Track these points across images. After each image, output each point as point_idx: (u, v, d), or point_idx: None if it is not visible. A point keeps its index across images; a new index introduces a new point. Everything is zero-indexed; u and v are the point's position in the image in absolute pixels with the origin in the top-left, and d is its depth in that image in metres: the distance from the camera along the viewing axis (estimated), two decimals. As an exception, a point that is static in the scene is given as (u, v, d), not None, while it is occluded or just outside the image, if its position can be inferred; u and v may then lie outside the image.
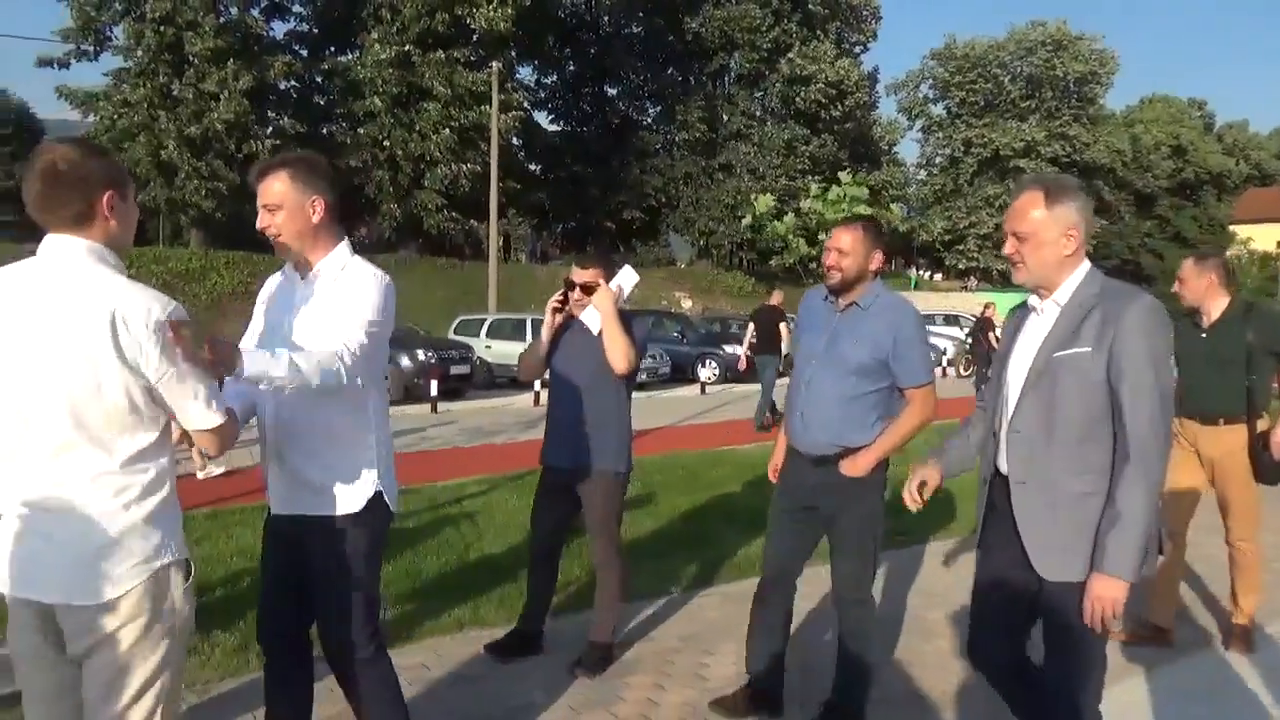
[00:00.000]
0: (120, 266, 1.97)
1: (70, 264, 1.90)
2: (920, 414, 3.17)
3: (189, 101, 26.47)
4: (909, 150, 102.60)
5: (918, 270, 53.57)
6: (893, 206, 39.93)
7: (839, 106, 38.91)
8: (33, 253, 1.96)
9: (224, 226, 28.41)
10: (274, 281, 2.76)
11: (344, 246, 2.62)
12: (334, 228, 2.60)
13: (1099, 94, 49.70)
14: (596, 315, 3.69)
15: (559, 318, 3.84)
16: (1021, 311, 2.56)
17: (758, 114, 40.53)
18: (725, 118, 39.96)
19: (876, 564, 3.30)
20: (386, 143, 30.07)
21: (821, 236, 10.73)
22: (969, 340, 18.37)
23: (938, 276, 54.12)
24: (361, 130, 30.28)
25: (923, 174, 53.45)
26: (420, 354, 14.88)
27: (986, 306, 16.65)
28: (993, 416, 2.56)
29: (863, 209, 35.10)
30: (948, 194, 49.88)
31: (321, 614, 2.64)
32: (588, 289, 3.72)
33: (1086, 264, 2.39)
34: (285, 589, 2.68)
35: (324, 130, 31.09)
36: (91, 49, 27.57)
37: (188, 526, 2.07)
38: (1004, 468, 2.49)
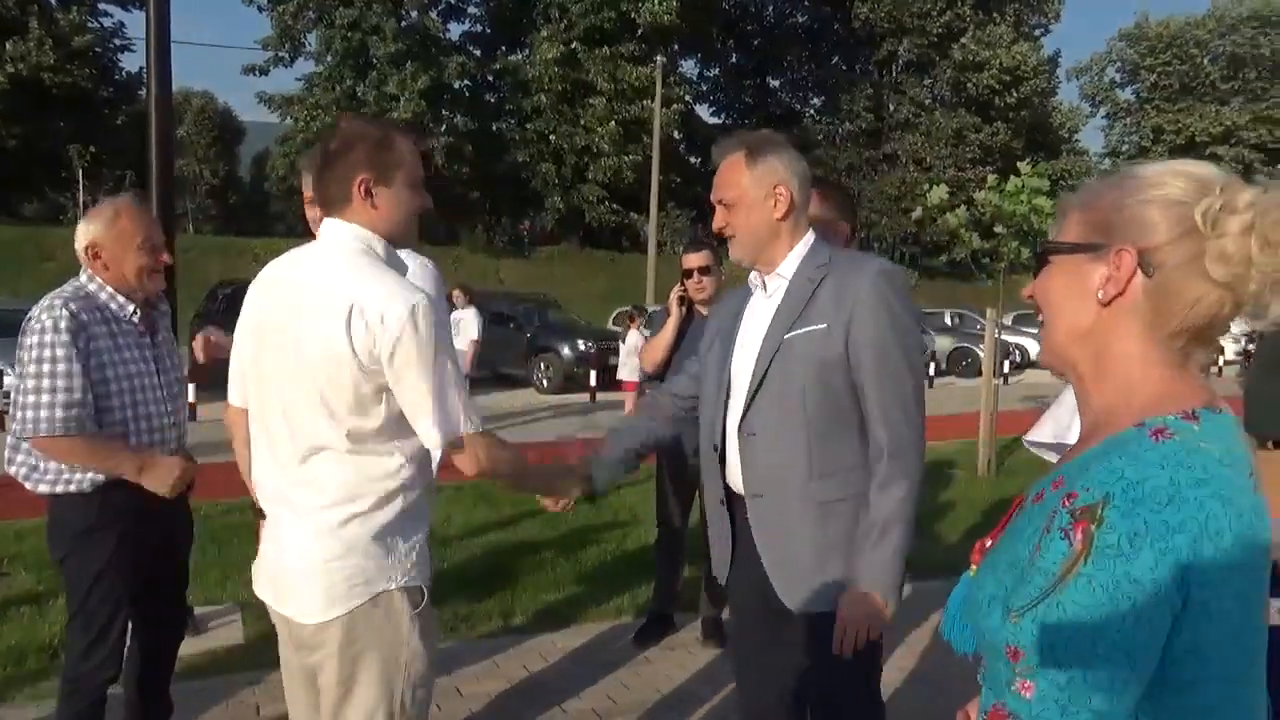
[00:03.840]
0: (386, 255, 1.79)
1: (333, 249, 1.75)
2: None
3: (372, 103, 28.18)
4: (1092, 139, 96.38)
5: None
6: (1073, 198, 37.72)
7: (1014, 93, 37.09)
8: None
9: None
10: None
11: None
12: None
13: (1314, 72, 45.02)
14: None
15: (683, 309, 4.02)
16: (739, 294, 2.17)
17: (926, 102, 39.09)
18: (891, 107, 38.81)
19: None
20: (552, 137, 30.96)
21: (997, 229, 10.09)
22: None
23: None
24: (529, 126, 31.28)
25: (1107, 163, 50.17)
26: (580, 344, 15.24)
27: None
28: (711, 426, 2.11)
29: (1042, 201, 33.16)
30: (1135, 184, 46.54)
31: None
32: (705, 271, 3.94)
33: (812, 234, 2.05)
34: None
35: (494, 127, 32.31)
36: (287, 56, 29.87)
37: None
38: (736, 483, 2.07)
